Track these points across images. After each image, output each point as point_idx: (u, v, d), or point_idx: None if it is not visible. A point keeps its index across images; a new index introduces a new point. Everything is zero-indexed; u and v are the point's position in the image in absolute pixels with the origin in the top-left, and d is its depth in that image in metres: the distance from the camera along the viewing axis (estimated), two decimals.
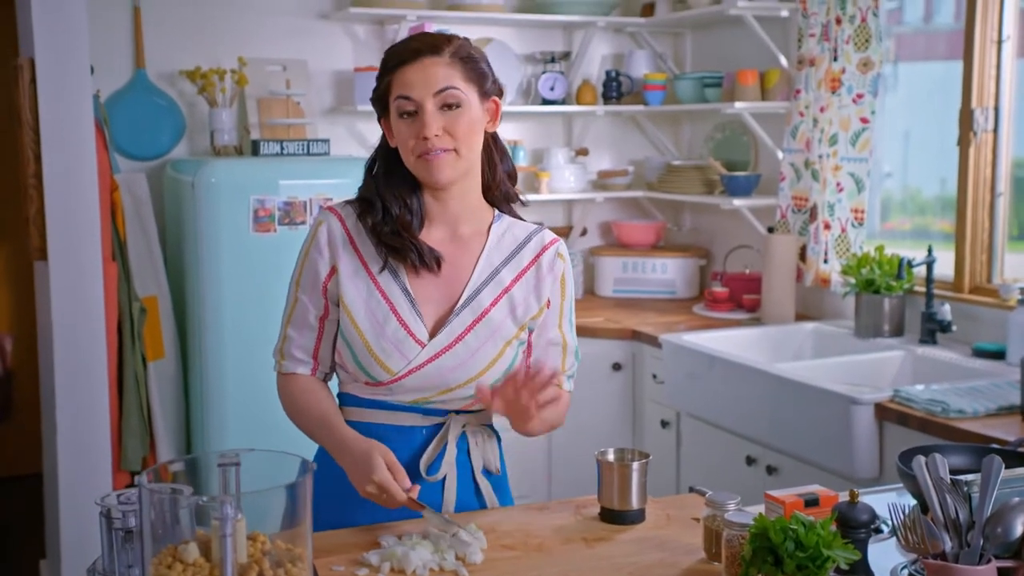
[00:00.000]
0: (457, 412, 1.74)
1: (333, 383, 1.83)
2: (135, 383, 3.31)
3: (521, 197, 1.83)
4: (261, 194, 3.28)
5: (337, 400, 1.79)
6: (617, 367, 3.68)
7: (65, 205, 3.03)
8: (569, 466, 3.72)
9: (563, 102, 4.13)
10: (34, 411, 3.59)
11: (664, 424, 3.49)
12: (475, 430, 1.76)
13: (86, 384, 3.07)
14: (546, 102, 4.11)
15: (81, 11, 3.00)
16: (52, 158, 3.01)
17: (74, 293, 3.04)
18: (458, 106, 1.65)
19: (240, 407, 3.28)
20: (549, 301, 1.77)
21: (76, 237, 3.04)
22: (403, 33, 3.88)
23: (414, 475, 1.69)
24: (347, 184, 3.38)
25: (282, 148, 3.56)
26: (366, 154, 3.95)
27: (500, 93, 1.74)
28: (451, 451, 1.72)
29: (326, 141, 3.64)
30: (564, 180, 4.16)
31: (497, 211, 1.80)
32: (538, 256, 1.77)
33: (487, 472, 1.78)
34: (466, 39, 1.73)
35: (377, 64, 3.96)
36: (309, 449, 3.43)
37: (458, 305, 1.70)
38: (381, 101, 1.72)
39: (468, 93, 1.67)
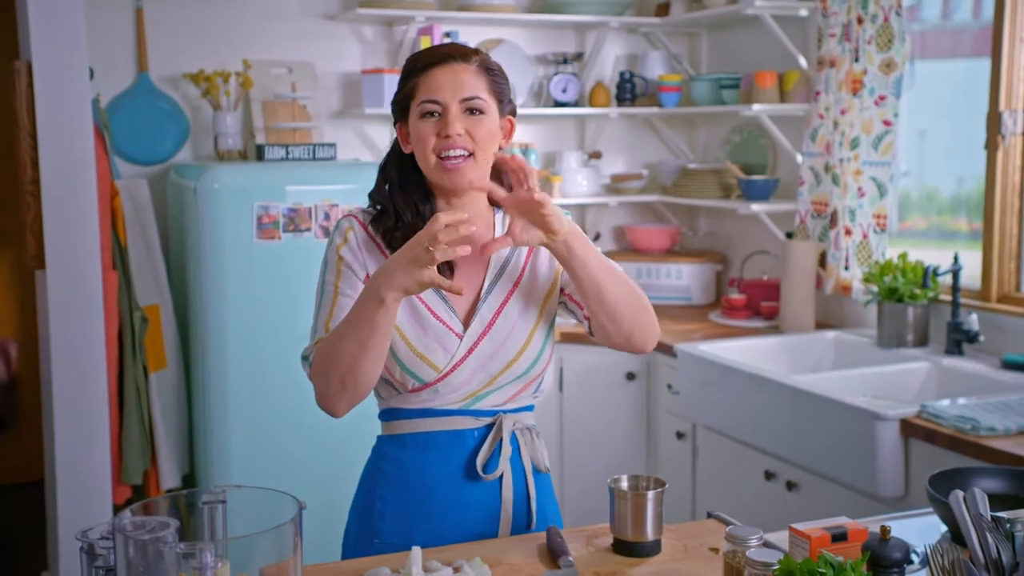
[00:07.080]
0: (505, 412, 1.76)
1: (373, 406, 1.79)
2: (136, 394, 3.23)
3: None
4: (265, 200, 3.19)
5: (381, 420, 1.79)
6: (631, 377, 3.58)
7: (63, 212, 2.96)
8: (582, 477, 3.63)
9: (576, 104, 4.03)
10: (37, 418, 3.51)
11: (680, 436, 3.39)
12: (523, 430, 1.79)
13: (85, 396, 2.99)
14: (558, 104, 4.01)
15: (79, 14, 2.93)
16: (49, 164, 2.94)
17: (72, 303, 2.97)
18: (481, 112, 1.70)
19: (244, 418, 3.20)
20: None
21: (74, 245, 2.97)
22: (412, 34, 3.79)
23: (471, 476, 1.73)
24: (353, 189, 3.29)
25: (287, 153, 3.47)
26: (374, 158, 3.91)
27: (514, 113, 1.80)
28: (506, 448, 1.75)
29: (332, 145, 3.55)
30: (577, 184, 4.06)
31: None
32: None
33: (536, 471, 1.80)
34: (488, 54, 1.78)
35: (385, 66, 3.92)
36: (317, 453, 3.34)
37: (483, 292, 1.76)
38: (402, 104, 1.73)
39: (491, 104, 1.72)
